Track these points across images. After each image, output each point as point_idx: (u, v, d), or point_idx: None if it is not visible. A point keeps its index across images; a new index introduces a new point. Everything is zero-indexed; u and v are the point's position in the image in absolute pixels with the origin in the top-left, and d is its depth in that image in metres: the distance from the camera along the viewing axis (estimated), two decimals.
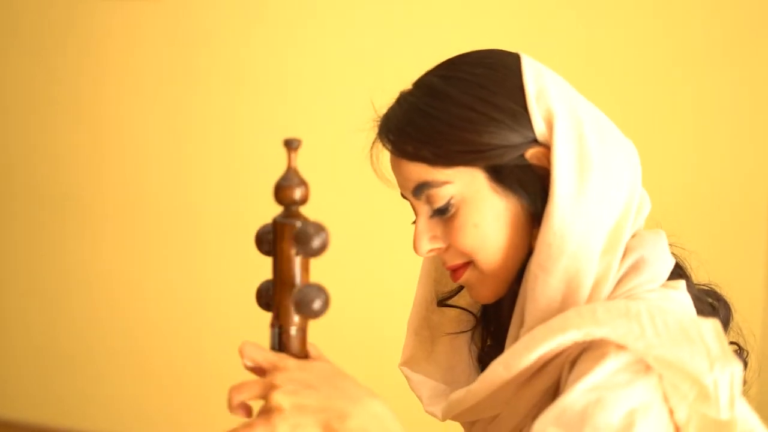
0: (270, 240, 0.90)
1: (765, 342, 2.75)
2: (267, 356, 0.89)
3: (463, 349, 1.25)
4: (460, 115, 1.06)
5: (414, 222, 1.14)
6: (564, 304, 1.04)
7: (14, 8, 3.43)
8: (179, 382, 3.39)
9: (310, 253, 0.88)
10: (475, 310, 1.25)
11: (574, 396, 0.95)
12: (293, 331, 0.89)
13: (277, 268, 0.89)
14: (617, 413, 0.94)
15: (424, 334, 1.25)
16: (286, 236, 0.89)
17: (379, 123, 1.14)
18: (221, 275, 3.28)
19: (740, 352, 1.17)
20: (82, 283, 3.45)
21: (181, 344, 3.38)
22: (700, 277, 1.17)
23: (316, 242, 0.88)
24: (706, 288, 1.17)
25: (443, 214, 1.09)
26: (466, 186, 1.07)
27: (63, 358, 3.50)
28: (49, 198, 3.45)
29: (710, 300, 1.15)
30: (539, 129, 1.06)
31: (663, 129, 2.82)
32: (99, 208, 3.41)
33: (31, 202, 3.47)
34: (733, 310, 1.17)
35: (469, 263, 1.10)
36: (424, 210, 1.11)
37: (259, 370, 0.90)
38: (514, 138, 1.05)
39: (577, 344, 0.99)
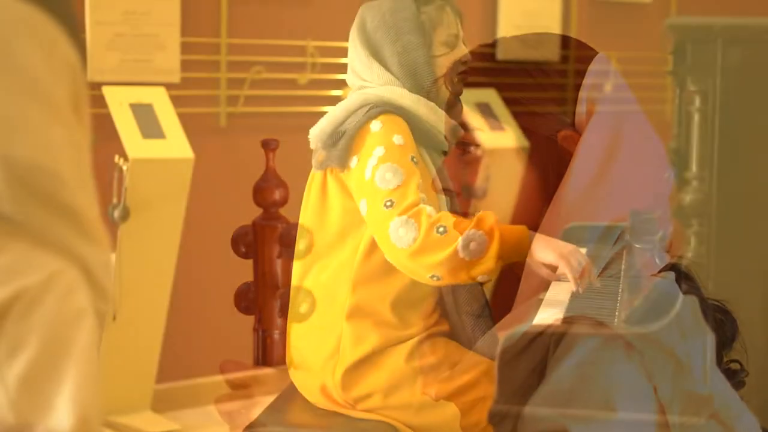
0: (248, 242, 0.89)
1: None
2: (246, 373, 0.89)
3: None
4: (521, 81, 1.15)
5: None
6: None
7: None
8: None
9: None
10: (488, 291, 1.26)
11: (560, 375, 0.97)
12: (277, 335, 0.88)
13: (259, 271, 0.88)
14: (602, 390, 0.96)
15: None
16: (267, 238, 0.88)
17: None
18: (217, 275, 3.27)
19: (741, 371, 1.17)
20: None
21: (179, 343, 3.37)
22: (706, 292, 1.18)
23: None
24: (716, 303, 1.17)
25: (465, 153, 1.14)
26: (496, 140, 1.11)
27: None
28: None
29: (718, 315, 1.15)
30: (579, 116, 1.12)
31: None
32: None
33: None
34: (739, 327, 1.18)
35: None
36: (456, 153, 1.15)
37: (243, 385, 0.90)
38: (555, 113, 1.12)
39: (559, 321, 1.01)
